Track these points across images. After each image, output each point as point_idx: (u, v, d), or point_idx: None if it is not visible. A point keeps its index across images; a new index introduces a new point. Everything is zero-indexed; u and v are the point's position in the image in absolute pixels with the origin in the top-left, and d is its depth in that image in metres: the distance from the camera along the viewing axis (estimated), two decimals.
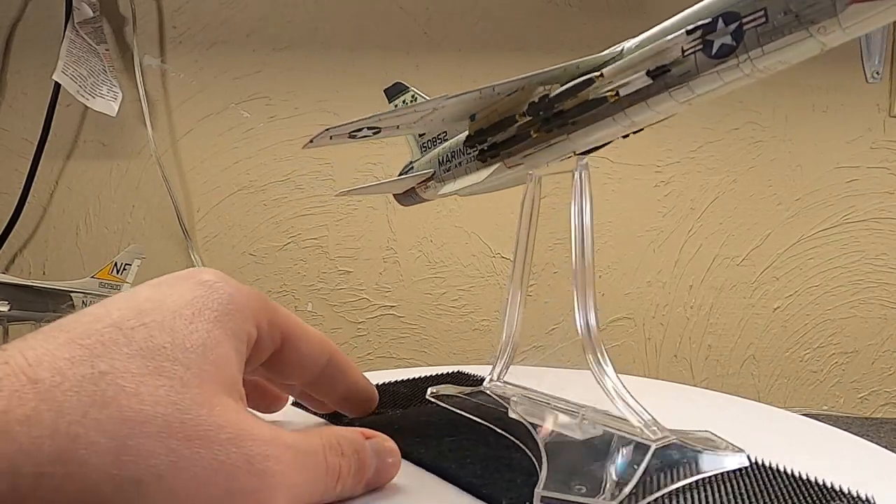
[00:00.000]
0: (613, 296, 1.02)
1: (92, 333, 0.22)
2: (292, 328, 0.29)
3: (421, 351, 1.03)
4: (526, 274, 0.35)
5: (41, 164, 1.01)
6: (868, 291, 0.99)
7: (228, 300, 0.26)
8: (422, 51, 1.00)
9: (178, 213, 1.02)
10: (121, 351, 0.21)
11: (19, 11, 1.04)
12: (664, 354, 1.02)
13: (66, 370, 0.20)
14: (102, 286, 0.83)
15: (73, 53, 0.96)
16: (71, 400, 0.20)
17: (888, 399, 1.00)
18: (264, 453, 0.22)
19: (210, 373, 0.23)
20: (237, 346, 0.25)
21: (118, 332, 0.22)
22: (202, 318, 0.24)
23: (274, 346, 0.29)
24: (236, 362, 0.25)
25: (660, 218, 1.01)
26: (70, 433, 0.19)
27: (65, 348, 0.21)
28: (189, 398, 0.22)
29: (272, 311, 0.28)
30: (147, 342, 0.22)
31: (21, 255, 1.05)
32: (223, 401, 0.23)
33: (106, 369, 0.21)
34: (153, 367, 0.22)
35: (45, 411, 0.19)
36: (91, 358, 0.21)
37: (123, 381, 0.21)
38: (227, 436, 0.22)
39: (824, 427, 0.41)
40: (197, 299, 0.25)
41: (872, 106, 0.98)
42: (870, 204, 0.99)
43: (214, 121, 1.03)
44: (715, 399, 0.46)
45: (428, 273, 1.03)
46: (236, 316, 0.25)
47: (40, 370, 0.20)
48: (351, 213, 1.03)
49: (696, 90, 0.27)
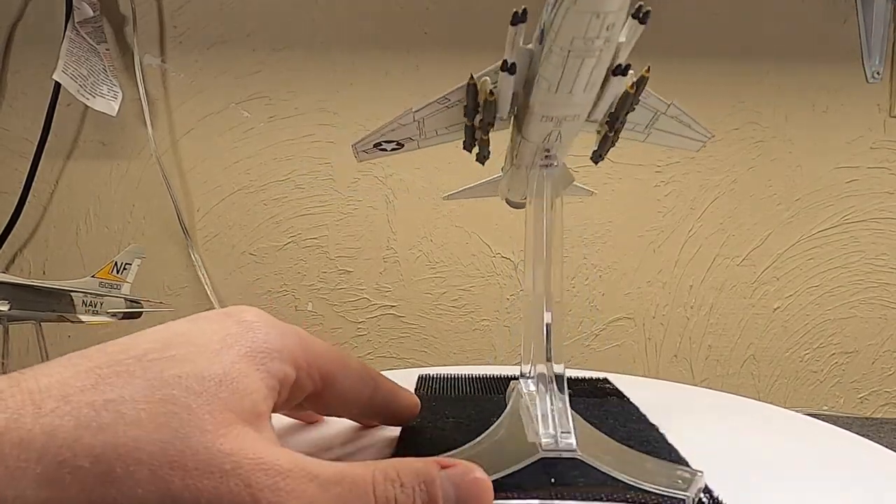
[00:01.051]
0: (613, 296, 1.02)
1: (112, 364, 0.21)
2: (334, 368, 0.28)
3: (421, 351, 1.03)
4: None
5: (41, 164, 1.01)
6: (868, 291, 0.99)
7: (264, 339, 0.24)
8: (422, 51, 1.00)
9: (178, 213, 1.02)
10: (133, 381, 0.21)
11: (19, 11, 1.04)
12: (664, 354, 1.02)
13: (73, 397, 0.20)
14: (102, 286, 0.83)
15: (73, 53, 0.96)
16: (67, 425, 0.19)
17: (888, 399, 1.00)
18: (275, 486, 0.20)
19: (226, 401, 0.21)
20: (269, 382, 0.24)
21: (138, 363, 0.21)
22: (230, 352, 0.23)
23: (314, 387, 0.27)
24: (263, 396, 0.23)
25: (660, 218, 1.01)
26: (57, 457, 0.19)
27: (80, 376, 0.20)
28: (193, 424, 0.20)
29: (313, 352, 0.27)
30: (162, 373, 0.21)
31: (21, 255, 1.05)
32: (237, 429, 0.21)
33: (112, 397, 0.20)
34: (161, 395, 0.20)
35: (39, 435, 0.19)
36: (101, 386, 0.20)
37: (125, 408, 0.20)
38: (231, 465, 0.20)
39: (825, 426, 0.41)
40: (230, 336, 0.24)
41: (872, 106, 0.98)
42: (870, 204, 0.99)
43: (214, 120, 1.03)
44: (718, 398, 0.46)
45: (428, 273, 1.03)
46: (271, 355, 0.24)
47: (47, 396, 0.19)
48: (351, 213, 1.03)
49: None
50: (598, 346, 1.02)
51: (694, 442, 0.35)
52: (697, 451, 0.33)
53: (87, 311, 0.80)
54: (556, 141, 0.32)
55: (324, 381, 0.28)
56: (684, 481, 0.26)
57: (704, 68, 0.99)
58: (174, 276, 1.04)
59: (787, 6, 0.98)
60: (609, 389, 0.45)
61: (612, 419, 0.37)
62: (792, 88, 0.99)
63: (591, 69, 0.27)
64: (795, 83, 0.99)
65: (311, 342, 0.27)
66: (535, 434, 0.28)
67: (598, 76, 0.28)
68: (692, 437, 0.36)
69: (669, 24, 0.98)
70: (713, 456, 0.34)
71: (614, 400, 0.42)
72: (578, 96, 0.29)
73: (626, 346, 1.02)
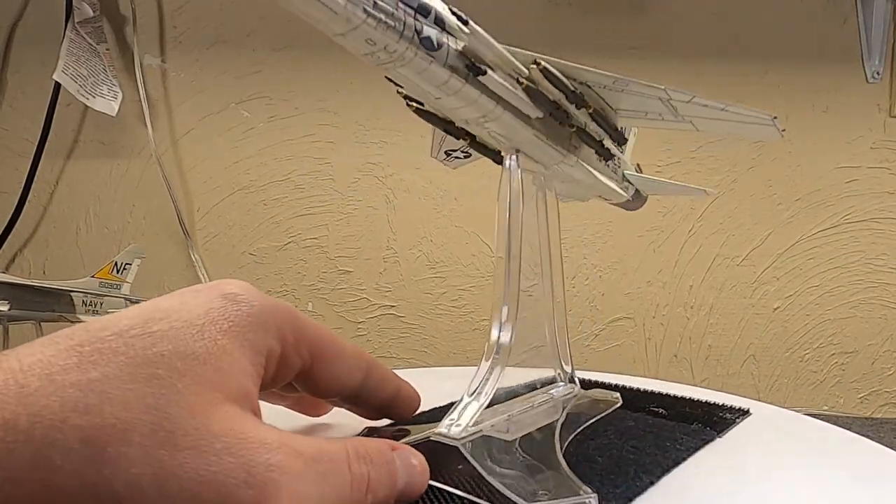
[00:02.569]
0: (613, 296, 1.02)
1: (94, 341, 0.21)
2: (324, 344, 0.28)
3: (421, 351, 1.03)
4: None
5: (41, 164, 1.01)
6: (868, 291, 0.99)
7: (248, 313, 0.24)
8: None
9: (178, 213, 1.02)
10: (117, 359, 0.20)
11: (19, 11, 1.04)
12: (664, 354, 1.02)
13: (56, 376, 0.19)
14: (102, 286, 0.83)
15: (73, 53, 0.96)
16: (52, 405, 0.19)
17: (888, 399, 1.00)
18: (266, 462, 0.20)
19: (212, 380, 0.21)
20: (253, 358, 0.24)
21: (119, 339, 0.21)
22: (214, 328, 0.23)
23: (302, 363, 0.27)
24: (250, 374, 0.23)
25: (660, 218, 1.01)
26: (46, 439, 0.18)
27: (63, 355, 0.20)
28: (181, 406, 0.20)
29: (300, 327, 0.27)
30: (146, 350, 0.21)
31: (21, 255, 1.05)
32: (225, 409, 0.21)
33: (96, 377, 0.20)
34: (146, 374, 0.20)
35: (23, 415, 0.18)
36: (84, 365, 0.20)
37: (110, 387, 0.20)
38: (222, 444, 0.20)
39: (825, 425, 0.41)
40: (213, 310, 0.24)
41: (872, 106, 0.98)
42: (870, 204, 0.99)
43: (214, 120, 1.03)
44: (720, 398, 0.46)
45: (428, 273, 1.03)
46: (255, 329, 0.24)
47: (30, 376, 0.19)
48: (351, 213, 1.03)
49: None
50: (598, 346, 1.02)
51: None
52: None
53: (87, 311, 0.80)
54: (507, 142, 0.32)
55: (313, 357, 0.28)
56: (549, 496, 0.27)
57: (704, 68, 0.99)
58: (174, 276, 1.04)
59: (786, 6, 0.98)
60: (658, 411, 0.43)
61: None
62: (792, 88, 0.99)
63: (412, 75, 0.26)
64: (795, 83, 0.99)
65: (300, 318, 0.27)
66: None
67: (435, 78, 0.27)
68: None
69: (669, 23, 0.98)
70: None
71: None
72: (447, 100, 0.28)
73: (626, 346, 1.02)
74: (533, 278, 0.36)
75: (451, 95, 0.28)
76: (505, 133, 0.31)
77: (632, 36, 0.98)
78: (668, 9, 0.98)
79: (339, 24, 0.24)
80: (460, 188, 1.01)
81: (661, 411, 0.42)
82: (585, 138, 0.34)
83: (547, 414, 0.34)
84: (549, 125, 0.32)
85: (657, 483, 0.30)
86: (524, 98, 0.29)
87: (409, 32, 0.25)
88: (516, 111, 0.30)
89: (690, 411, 0.42)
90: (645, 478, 0.30)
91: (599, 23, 0.99)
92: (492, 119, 0.30)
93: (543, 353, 0.37)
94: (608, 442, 0.35)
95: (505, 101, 0.29)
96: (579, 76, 0.31)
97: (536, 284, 0.37)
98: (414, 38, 0.25)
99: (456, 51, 0.27)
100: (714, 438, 0.37)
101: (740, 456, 0.35)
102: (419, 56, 0.25)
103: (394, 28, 0.24)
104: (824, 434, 0.39)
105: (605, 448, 0.34)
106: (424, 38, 0.25)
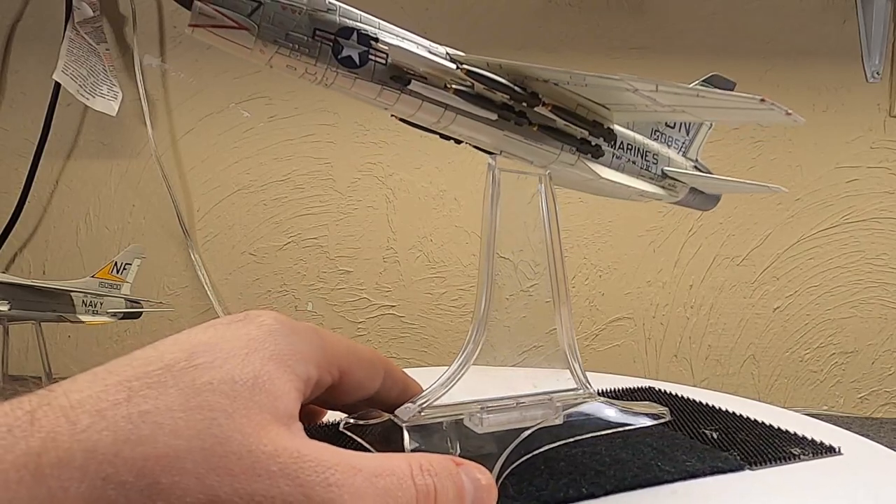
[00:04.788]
0: (613, 296, 1.02)
1: (141, 376, 0.21)
2: (348, 358, 0.28)
3: (421, 351, 1.03)
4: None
5: (41, 164, 1.01)
6: (868, 291, 0.99)
7: (286, 342, 0.25)
8: None
9: (178, 213, 1.02)
10: (166, 391, 0.20)
11: (19, 11, 1.04)
12: (664, 354, 1.02)
13: (108, 412, 0.19)
14: (102, 286, 0.83)
15: (73, 53, 0.96)
16: (105, 440, 0.19)
17: (888, 399, 1.00)
18: (325, 481, 0.20)
19: (261, 403, 0.21)
20: (296, 383, 0.24)
21: (168, 373, 0.21)
22: (257, 356, 0.23)
23: (332, 381, 0.28)
24: (294, 398, 0.23)
25: (660, 218, 1.01)
26: (100, 474, 0.18)
27: (111, 390, 0.20)
28: (233, 429, 0.20)
29: (328, 348, 0.27)
30: (195, 381, 0.21)
31: (21, 255, 1.05)
32: (276, 430, 0.21)
33: (148, 409, 0.20)
34: (196, 402, 0.20)
35: (78, 452, 0.18)
36: (135, 399, 0.20)
37: (162, 418, 0.20)
38: (278, 467, 0.20)
39: (825, 426, 0.41)
40: (253, 340, 0.24)
41: (872, 106, 0.98)
42: (870, 204, 0.99)
43: (214, 120, 1.03)
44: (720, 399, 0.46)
45: (428, 273, 1.03)
46: (295, 356, 0.24)
47: (81, 413, 0.19)
48: (351, 213, 1.03)
49: None
50: (598, 346, 1.02)
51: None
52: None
53: (86, 311, 0.80)
54: (484, 143, 0.33)
55: (340, 373, 0.28)
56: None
57: (704, 67, 0.99)
58: (174, 277, 1.04)
59: (786, 6, 0.98)
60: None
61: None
62: (792, 88, 0.99)
63: (344, 91, 0.29)
64: (795, 82, 0.99)
65: (327, 338, 0.27)
66: None
67: (366, 92, 0.29)
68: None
69: (668, 23, 0.98)
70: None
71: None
72: (395, 108, 0.30)
73: (626, 346, 1.02)
74: (533, 278, 0.36)
75: (395, 105, 0.30)
76: (473, 135, 0.32)
77: (631, 35, 0.98)
78: (667, 8, 0.98)
79: (257, 57, 0.28)
80: (460, 188, 1.01)
81: (710, 433, 0.38)
82: (554, 135, 0.34)
83: (535, 416, 0.33)
84: (514, 125, 0.33)
85: (598, 498, 0.29)
86: (461, 101, 0.30)
87: (324, 56, 0.28)
88: (469, 114, 0.31)
89: (747, 437, 0.38)
90: (585, 490, 0.30)
91: (599, 22, 0.99)
92: (449, 123, 0.31)
93: (543, 353, 0.37)
94: (591, 452, 0.34)
95: (453, 106, 0.30)
96: (533, 74, 0.31)
97: (536, 284, 0.36)
98: (331, 60, 0.28)
99: (383, 65, 0.28)
100: (742, 468, 0.33)
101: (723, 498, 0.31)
102: (341, 75, 0.28)
103: (307, 54, 0.27)
104: (825, 433, 0.39)
105: (576, 457, 0.33)
106: (344, 59, 0.28)
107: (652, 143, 0.41)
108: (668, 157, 0.42)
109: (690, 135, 0.45)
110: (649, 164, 0.40)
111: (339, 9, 0.28)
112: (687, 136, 0.44)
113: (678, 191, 0.43)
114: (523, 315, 0.33)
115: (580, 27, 0.99)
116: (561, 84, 0.32)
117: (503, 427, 0.31)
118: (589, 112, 0.34)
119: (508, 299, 0.35)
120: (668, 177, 0.41)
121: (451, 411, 0.32)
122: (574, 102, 0.34)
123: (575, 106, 0.34)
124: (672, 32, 0.98)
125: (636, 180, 0.39)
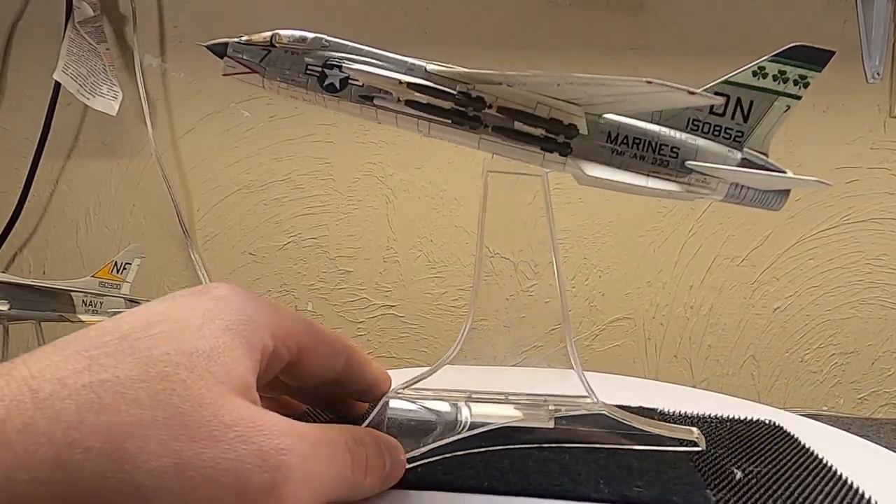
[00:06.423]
0: (613, 296, 1.02)
1: (98, 346, 0.22)
2: (308, 335, 0.29)
3: (421, 351, 1.03)
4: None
5: (41, 164, 1.01)
6: (868, 291, 0.99)
7: (241, 312, 0.26)
8: (421, 51, 0.99)
9: (178, 213, 1.02)
10: (124, 360, 0.21)
11: (19, 11, 1.04)
12: (664, 354, 1.02)
13: (67, 380, 0.20)
14: (102, 285, 0.83)
15: (73, 53, 0.96)
16: (69, 408, 0.20)
17: (888, 399, 1.00)
18: (277, 447, 0.22)
19: (217, 374, 0.23)
20: (250, 353, 0.25)
21: (124, 343, 0.22)
22: (212, 327, 0.24)
23: (290, 356, 0.29)
24: (249, 368, 0.25)
25: (660, 218, 1.01)
26: (66, 439, 0.19)
27: (70, 360, 0.21)
28: (192, 400, 0.21)
29: (288, 322, 0.28)
30: (151, 351, 0.22)
31: (21, 255, 1.05)
32: (232, 400, 0.22)
33: (106, 378, 0.21)
34: (155, 372, 0.21)
35: (42, 419, 0.19)
36: (94, 368, 0.21)
37: (122, 387, 0.21)
38: (234, 433, 0.21)
39: (825, 427, 0.41)
40: (208, 311, 0.25)
41: (872, 106, 0.98)
42: (870, 204, 0.99)
43: (215, 120, 1.03)
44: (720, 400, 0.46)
45: (428, 273, 1.03)
46: (250, 327, 0.25)
47: (42, 381, 0.20)
48: (351, 213, 1.03)
49: None
50: (598, 346, 1.02)
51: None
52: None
53: (87, 311, 0.80)
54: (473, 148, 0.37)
55: (298, 350, 0.29)
56: None
57: (704, 67, 0.99)
58: (174, 276, 1.04)
59: (786, 5, 0.98)
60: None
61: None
62: None
63: (334, 111, 0.37)
64: None
65: (284, 312, 0.29)
66: None
67: (350, 110, 0.36)
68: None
69: (668, 22, 0.98)
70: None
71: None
72: (382, 122, 0.37)
73: (626, 346, 1.02)
74: (532, 278, 0.37)
75: (377, 119, 0.36)
76: (454, 140, 0.36)
77: (631, 35, 0.98)
78: (667, 8, 0.98)
79: (268, 90, 0.38)
80: (460, 188, 1.01)
81: (738, 474, 0.31)
82: (512, 135, 0.35)
83: (520, 415, 0.34)
84: (468, 129, 0.36)
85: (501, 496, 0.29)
86: (414, 111, 0.35)
87: (312, 85, 0.36)
88: (437, 122, 0.35)
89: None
90: (487, 485, 0.30)
91: (599, 22, 0.99)
92: (428, 131, 0.36)
93: (543, 353, 0.37)
94: (555, 460, 0.32)
95: (424, 116, 0.35)
96: (486, 79, 0.35)
97: (536, 284, 0.37)
98: (317, 87, 0.36)
99: (360, 87, 0.35)
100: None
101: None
102: (327, 98, 0.36)
103: (301, 85, 0.37)
104: (825, 434, 0.39)
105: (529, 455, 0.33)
106: (328, 86, 0.36)
107: (673, 135, 0.37)
108: (695, 149, 0.38)
109: (750, 122, 0.41)
110: (666, 158, 0.37)
111: (332, 44, 0.37)
112: (744, 122, 0.42)
113: (712, 186, 0.39)
114: (523, 315, 0.33)
115: (580, 27, 0.99)
116: (515, 85, 0.34)
117: (484, 419, 0.32)
118: (552, 110, 0.34)
119: (509, 299, 0.36)
120: (693, 171, 0.38)
121: (437, 395, 0.35)
122: (533, 102, 0.35)
123: (534, 105, 0.35)
124: (672, 32, 0.98)
125: (641, 177, 0.36)
